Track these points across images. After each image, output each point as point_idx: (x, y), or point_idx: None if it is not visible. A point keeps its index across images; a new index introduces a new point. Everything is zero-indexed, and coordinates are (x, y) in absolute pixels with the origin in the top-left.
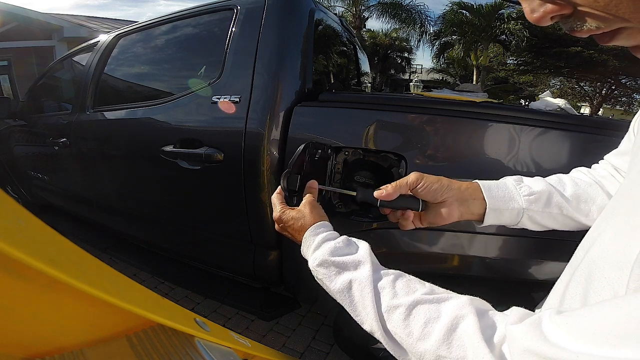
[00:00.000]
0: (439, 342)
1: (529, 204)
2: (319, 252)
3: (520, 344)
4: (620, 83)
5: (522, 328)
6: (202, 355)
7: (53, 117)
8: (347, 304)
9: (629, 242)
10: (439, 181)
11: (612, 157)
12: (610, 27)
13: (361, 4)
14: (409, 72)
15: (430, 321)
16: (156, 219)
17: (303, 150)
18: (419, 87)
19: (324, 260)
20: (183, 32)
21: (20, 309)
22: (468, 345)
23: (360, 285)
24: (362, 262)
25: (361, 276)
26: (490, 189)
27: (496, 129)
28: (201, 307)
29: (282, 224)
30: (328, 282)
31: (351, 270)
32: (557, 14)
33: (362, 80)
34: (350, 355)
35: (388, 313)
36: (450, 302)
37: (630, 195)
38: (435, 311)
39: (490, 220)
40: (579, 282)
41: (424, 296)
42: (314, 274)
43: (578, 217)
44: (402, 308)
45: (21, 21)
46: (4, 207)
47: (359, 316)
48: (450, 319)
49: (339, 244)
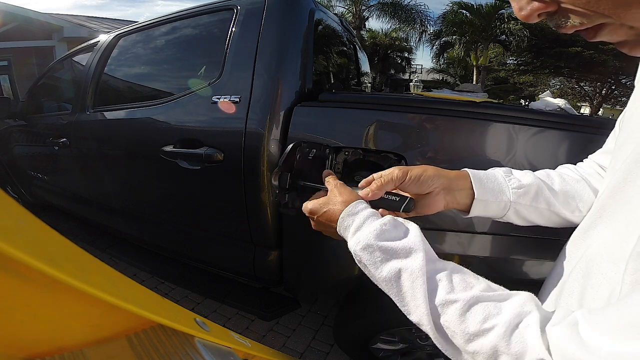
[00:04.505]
0: (498, 337)
1: (517, 197)
2: (361, 233)
3: (558, 346)
4: (620, 83)
5: (562, 331)
6: (202, 355)
7: (53, 117)
8: (394, 293)
9: (624, 237)
10: (424, 172)
11: (597, 156)
12: (593, 22)
13: (361, 4)
14: (409, 72)
15: (490, 317)
16: (156, 219)
17: (292, 149)
18: (419, 87)
19: (368, 244)
20: (183, 32)
21: (20, 309)
22: (529, 341)
23: (411, 275)
24: (414, 249)
25: (413, 266)
26: (480, 179)
27: (496, 129)
28: (201, 307)
29: (315, 215)
30: (373, 269)
31: (401, 258)
32: (544, 11)
33: (362, 80)
34: (350, 355)
35: (443, 307)
36: (512, 299)
37: (621, 195)
38: (495, 308)
39: (477, 212)
40: (576, 279)
41: (483, 293)
42: (355, 258)
43: (564, 213)
44: (459, 303)
45: (21, 21)
46: (4, 207)
47: (406, 307)
48: (512, 315)
49: (385, 226)
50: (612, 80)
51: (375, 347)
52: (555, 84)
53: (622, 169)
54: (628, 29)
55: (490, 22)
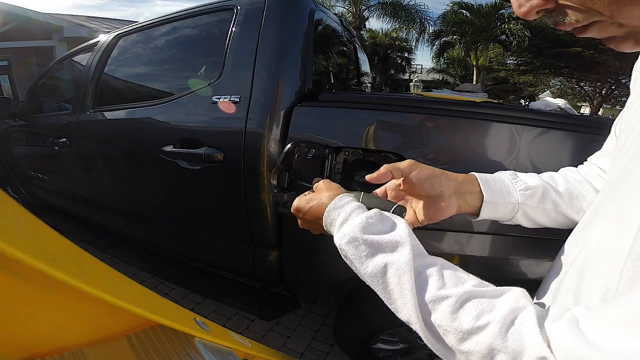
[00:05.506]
0: (494, 334)
1: (525, 199)
2: (346, 227)
3: (560, 343)
4: (620, 83)
5: (562, 328)
6: (202, 355)
7: (53, 117)
8: (380, 290)
9: (618, 236)
10: (433, 171)
11: (595, 158)
12: (588, 20)
13: (361, 4)
14: (409, 72)
15: (484, 313)
16: (156, 219)
17: (291, 149)
18: (419, 87)
19: (353, 237)
20: (183, 33)
21: (20, 309)
22: (526, 337)
23: (398, 270)
24: (401, 243)
25: (399, 260)
26: (488, 182)
27: (496, 128)
28: (201, 307)
29: (301, 212)
30: (358, 264)
31: (387, 252)
32: (542, 8)
33: (362, 80)
34: (350, 355)
35: (433, 304)
36: (505, 295)
37: (616, 193)
38: (488, 304)
39: (486, 214)
40: (572, 276)
41: (476, 288)
42: (341, 253)
43: (570, 213)
44: (451, 299)
45: (21, 21)
46: (4, 207)
47: (394, 304)
48: (507, 310)
49: (371, 219)
50: (612, 80)
51: (375, 347)
52: (555, 84)
53: (619, 167)
54: (617, 27)
55: (491, 22)
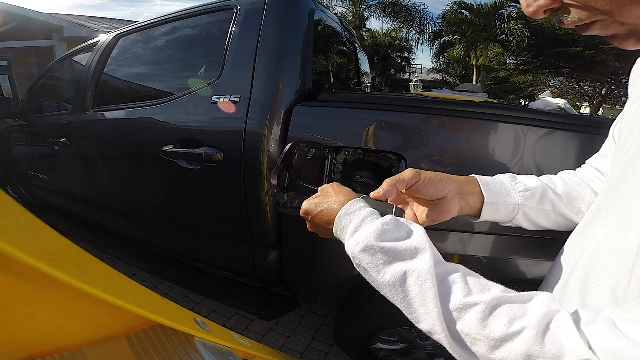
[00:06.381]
0: (530, 340)
1: (525, 200)
2: (360, 234)
3: (601, 345)
4: (620, 83)
5: (602, 329)
6: (202, 355)
7: (53, 117)
8: (400, 300)
9: (623, 232)
10: (436, 175)
11: (593, 161)
12: (591, 19)
13: (361, 4)
14: (409, 72)
15: (517, 319)
16: (156, 219)
17: (291, 149)
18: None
19: (368, 245)
20: (183, 33)
21: (20, 309)
22: (565, 341)
23: (419, 278)
24: (421, 249)
25: (420, 268)
26: (488, 184)
27: (496, 128)
28: (201, 307)
29: (310, 216)
30: (375, 273)
31: (407, 259)
32: (549, 8)
33: (362, 80)
34: (350, 355)
35: (460, 312)
36: (535, 299)
37: (618, 190)
38: (520, 309)
39: (487, 216)
40: (579, 275)
41: (504, 294)
42: (355, 262)
43: (569, 214)
44: (480, 306)
45: (21, 21)
46: (4, 207)
47: (414, 314)
48: (541, 315)
49: (387, 225)
50: (612, 80)
51: (375, 347)
52: (555, 84)
53: (620, 166)
54: (619, 25)
55: (490, 22)
